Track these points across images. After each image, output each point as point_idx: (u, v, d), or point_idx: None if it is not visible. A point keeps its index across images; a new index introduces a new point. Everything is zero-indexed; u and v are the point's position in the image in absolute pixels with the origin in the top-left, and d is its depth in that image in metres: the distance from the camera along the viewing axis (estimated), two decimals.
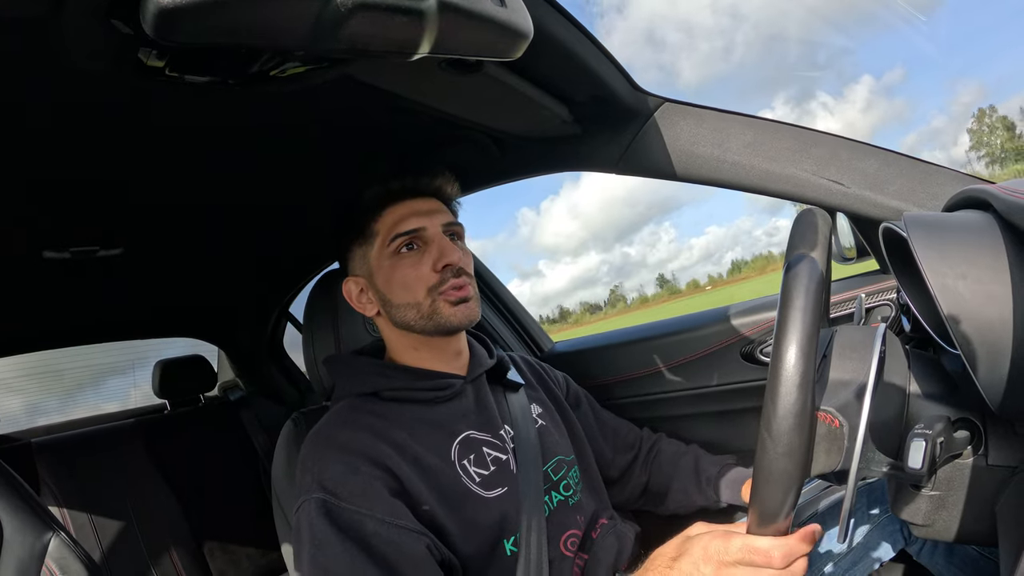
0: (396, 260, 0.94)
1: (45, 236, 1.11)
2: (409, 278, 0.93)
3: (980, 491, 0.62)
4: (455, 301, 0.92)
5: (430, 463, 0.85)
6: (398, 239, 0.93)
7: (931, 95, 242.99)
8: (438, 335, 0.95)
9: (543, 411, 1.08)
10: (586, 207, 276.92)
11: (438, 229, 0.95)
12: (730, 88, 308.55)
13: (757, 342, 1.25)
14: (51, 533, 0.95)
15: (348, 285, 1.00)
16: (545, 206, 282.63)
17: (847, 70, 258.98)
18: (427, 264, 0.93)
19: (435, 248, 0.93)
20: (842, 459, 0.57)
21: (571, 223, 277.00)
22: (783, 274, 0.56)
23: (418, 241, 0.94)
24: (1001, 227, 0.54)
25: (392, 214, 0.95)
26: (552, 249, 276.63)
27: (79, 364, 2.74)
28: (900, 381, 0.65)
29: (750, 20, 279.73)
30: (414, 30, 0.54)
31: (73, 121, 0.76)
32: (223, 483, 1.98)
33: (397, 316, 0.95)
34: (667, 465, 1.19)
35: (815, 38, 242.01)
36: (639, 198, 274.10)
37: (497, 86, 0.85)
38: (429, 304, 0.92)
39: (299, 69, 0.65)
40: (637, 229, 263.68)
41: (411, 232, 0.93)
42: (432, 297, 0.92)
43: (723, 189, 1.02)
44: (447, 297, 0.92)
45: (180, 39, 0.47)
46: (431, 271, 0.92)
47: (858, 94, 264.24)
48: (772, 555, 0.57)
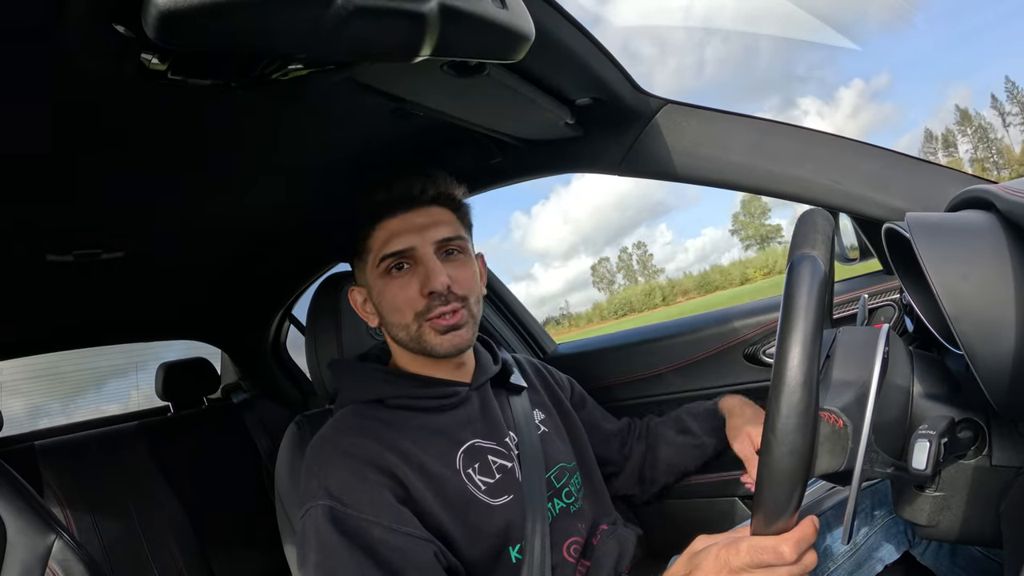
0: (386, 280, 0.91)
1: (48, 239, 1.11)
2: (398, 300, 0.90)
3: (984, 492, 0.61)
4: (442, 330, 0.89)
5: (436, 471, 0.85)
6: (387, 259, 0.90)
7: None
8: (429, 357, 0.93)
9: (546, 416, 1.07)
10: (576, 211, 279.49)
11: (429, 248, 0.90)
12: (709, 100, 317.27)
13: (760, 343, 1.24)
14: (54, 535, 0.95)
15: (353, 293, 0.99)
16: (536, 210, 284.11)
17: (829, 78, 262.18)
18: (414, 287, 0.89)
19: (423, 271, 0.89)
20: (846, 459, 0.57)
21: (561, 227, 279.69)
22: (786, 274, 0.56)
23: (408, 261, 0.90)
24: (1004, 227, 0.54)
25: (383, 230, 0.91)
26: (542, 253, 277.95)
27: (81, 367, 2.74)
28: (903, 382, 0.65)
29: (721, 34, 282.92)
30: (415, 33, 0.54)
31: (76, 124, 0.76)
32: (226, 485, 1.98)
33: (391, 333, 0.94)
34: (656, 426, 1.20)
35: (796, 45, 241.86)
36: (628, 203, 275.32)
37: (499, 88, 0.85)
38: (416, 328, 0.90)
39: (301, 72, 0.65)
40: (626, 233, 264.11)
41: (400, 252, 0.90)
42: (419, 322, 0.89)
43: (714, 194, 1.02)
44: (434, 325, 0.89)
45: (182, 43, 0.47)
46: (418, 295, 0.89)
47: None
48: (782, 550, 0.56)
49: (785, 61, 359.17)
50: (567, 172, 1.19)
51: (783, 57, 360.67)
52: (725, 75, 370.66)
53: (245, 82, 0.66)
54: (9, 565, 0.91)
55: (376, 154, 1.09)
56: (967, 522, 0.62)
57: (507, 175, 1.25)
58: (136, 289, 1.57)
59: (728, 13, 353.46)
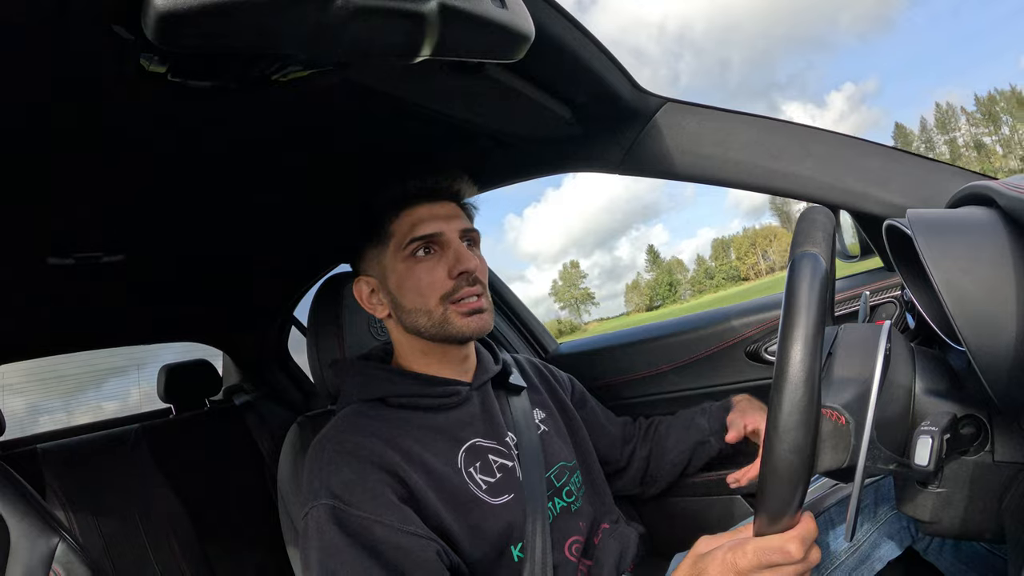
0: (411, 264, 0.92)
1: (49, 242, 1.11)
2: (423, 283, 0.91)
3: (986, 488, 0.61)
4: (468, 312, 0.91)
5: (438, 469, 0.85)
6: (415, 242, 0.92)
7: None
8: (448, 343, 0.94)
9: (546, 416, 1.07)
10: (567, 214, 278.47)
11: (456, 235, 0.93)
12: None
13: (762, 341, 1.24)
14: (57, 538, 0.96)
15: (359, 285, 0.99)
16: (528, 212, 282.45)
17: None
18: (442, 270, 0.91)
19: (452, 254, 0.92)
20: (848, 456, 0.57)
21: (553, 230, 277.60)
22: (788, 272, 0.56)
23: (435, 246, 0.93)
24: (1004, 223, 0.54)
25: (410, 216, 0.93)
26: (533, 255, 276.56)
27: (82, 370, 2.75)
28: (905, 378, 0.65)
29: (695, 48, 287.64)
30: (415, 33, 0.54)
31: (76, 126, 0.76)
32: (228, 487, 1.98)
33: (407, 320, 0.94)
34: (662, 426, 1.21)
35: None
36: (618, 206, 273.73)
37: (499, 87, 0.85)
38: (441, 312, 0.91)
39: (301, 73, 0.65)
40: (616, 236, 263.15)
41: (429, 236, 0.92)
42: (444, 306, 0.91)
43: (706, 197, 1.02)
44: (460, 308, 0.91)
45: (182, 44, 0.47)
46: (446, 278, 0.91)
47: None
48: (788, 549, 0.56)
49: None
50: (568, 171, 1.19)
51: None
52: (698, 85, 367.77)
53: (245, 84, 0.66)
54: (12, 568, 0.92)
55: (376, 155, 1.09)
56: (970, 518, 0.62)
57: (507, 175, 1.26)
58: (137, 292, 1.57)
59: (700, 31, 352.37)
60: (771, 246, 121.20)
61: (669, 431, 1.19)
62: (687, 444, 1.15)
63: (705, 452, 1.14)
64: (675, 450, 1.16)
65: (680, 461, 1.16)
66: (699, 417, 1.17)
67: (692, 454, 1.15)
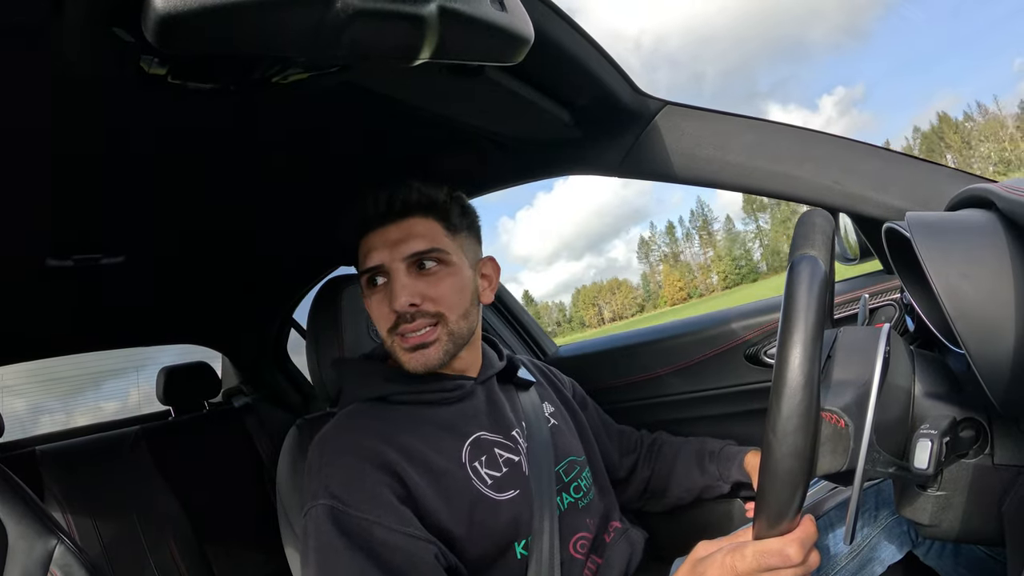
0: (368, 293, 0.93)
1: (48, 244, 1.11)
2: (374, 314, 0.92)
3: (986, 491, 0.61)
4: (410, 348, 0.89)
5: (440, 467, 0.84)
6: (365, 275, 0.92)
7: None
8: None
9: (555, 410, 1.07)
10: (559, 218, 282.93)
11: (399, 265, 0.88)
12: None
13: (761, 344, 1.24)
14: (55, 540, 0.95)
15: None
16: (521, 216, 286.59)
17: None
18: (386, 304, 0.89)
19: (392, 288, 0.89)
20: (847, 459, 0.57)
21: (544, 233, 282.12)
22: (787, 275, 0.56)
23: (382, 276, 0.90)
24: (1004, 226, 0.54)
25: (364, 245, 0.92)
26: (525, 258, 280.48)
27: (81, 371, 2.75)
28: (905, 381, 0.65)
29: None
30: (415, 36, 0.54)
31: (75, 128, 0.76)
32: (227, 489, 1.98)
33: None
34: (669, 453, 1.20)
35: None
36: (608, 210, 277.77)
37: (498, 90, 0.85)
38: (391, 343, 0.91)
39: (301, 75, 0.65)
40: (607, 239, 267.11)
41: (372, 269, 0.90)
42: (392, 338, 0.90)
43: (698, 200, 1.02)
44: (403, 343, 0.89)
45: (181, 46, 0.47)
46: (389, 311, 0.89)
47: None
48: (787, 552, 0.56)
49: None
50: (567, 174, 1.19)
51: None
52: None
53: (245, 86, 0.66)
54: (10, 570, 0.91)
55: (376, 157, 1.09)
56: (969, 521, 0.62)
57: (507, 177, 1.25)
58: (137, 293, 1.57)
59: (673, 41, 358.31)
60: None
61: (676, 462, 1.18)
62: (696, 484, 1.15)
63: (715, 492, 1.14)
64: (681, 486, 1.16)
65: (687, 497, 1.16)
66: (709, 464, 1.14)
67: (701, 493, 1.15)
